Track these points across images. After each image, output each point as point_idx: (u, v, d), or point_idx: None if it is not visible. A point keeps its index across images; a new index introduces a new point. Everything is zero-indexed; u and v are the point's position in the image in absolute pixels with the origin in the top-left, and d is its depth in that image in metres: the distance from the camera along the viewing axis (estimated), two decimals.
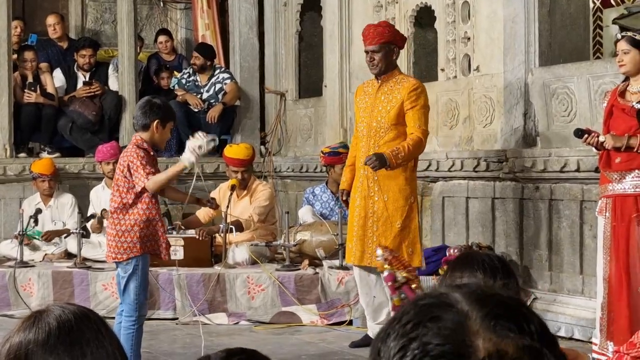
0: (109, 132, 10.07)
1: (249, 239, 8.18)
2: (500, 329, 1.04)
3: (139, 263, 5.61)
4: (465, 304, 1.06)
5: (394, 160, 6.19)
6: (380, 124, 6.44)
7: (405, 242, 6.38)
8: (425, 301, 1.07)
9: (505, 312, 1.06)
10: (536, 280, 7.18)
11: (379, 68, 6.46)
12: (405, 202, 6.42)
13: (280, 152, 10.57)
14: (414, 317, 1.05)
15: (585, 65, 6.99)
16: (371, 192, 6.46)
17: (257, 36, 10.71)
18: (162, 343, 6.88)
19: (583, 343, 6.45)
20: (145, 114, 5.67)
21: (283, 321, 7.54)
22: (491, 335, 1.03)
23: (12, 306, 7.96)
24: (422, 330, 1.03)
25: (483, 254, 2.71)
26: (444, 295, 1.08)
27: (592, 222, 6.59)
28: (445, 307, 1.05)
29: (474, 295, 1.07)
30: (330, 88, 9.63)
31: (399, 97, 6.41)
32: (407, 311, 1.07)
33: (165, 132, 5.76)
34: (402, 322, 1.05)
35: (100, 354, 1.75)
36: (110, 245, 5.65)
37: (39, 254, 8.59)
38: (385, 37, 6.46)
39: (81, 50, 10.24)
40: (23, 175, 9.44)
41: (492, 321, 1.04)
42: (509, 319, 1.05)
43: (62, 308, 1.79)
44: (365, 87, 6.71)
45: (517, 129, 7.37)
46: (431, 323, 1.03)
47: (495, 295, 1.09)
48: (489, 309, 1.05)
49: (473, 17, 7.81)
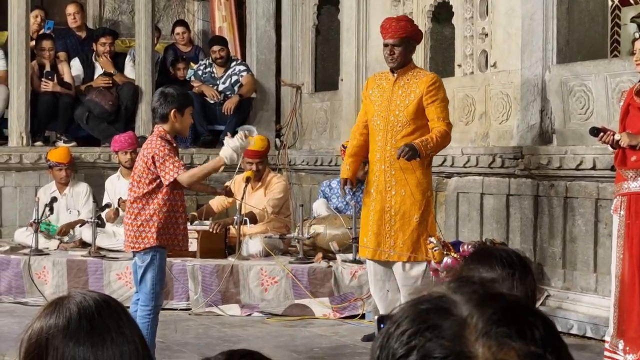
0: (125, 122, 10.10)
1: (263, 231, 8.20)
2: (501, 335, 0.99)
3: (156, 253, 5.63)
4: (465, 308, 1.01)
5: (423, 150, 6.16)
6: (397, 118, 6.40)
7: (423, 235, 6.35)
8: (424, 306, 1.03)
9: (507, 316, 1.00)
10: (550, 278, 7.17)
11: (397, 62, 6.42)
12: (423, 196, 6.39)
13: (295, 145, 10.58)
14: (411, 324, 1.01)
15: (603, 63, 6.97)
16: (388, 186, 6.42)
17: (274, 29, 10.72)
18: (175, 333, 6.91)
19: (596, 341, 6.45)
20: (161, 106, 5.69)
21: (296, 314, 7.55)
22: (491, 342, 0.98)
23: (26, 294, 8.00)
24: (420, 341, 0.99)
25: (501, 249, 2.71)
26: (442, 299, 1.03)
27: (607, 221, 6.58)
28: (443, 313, 1.01)
29: (475, 297, 1.03)
30: (346, 82, 9.63)
31: (417, 92, 6.37)
32: (405, 315, 1.03)
33: (186, 119, 5.78)
34: (401, 328, 1.02)
35: (120, 341, 1.76)
36: (129, 235, 5.67)
37: (54, 242, 8.63)
38: (407, 32, 6.43)
39: (101, 38, 10.28)
40: (39, 164, 9.48)
41: (493, 327, 0.99)
42: (511, 324, 1.00)
43: (83, 295, 1.80)
44: (379, 79, 6.64)
45: (534, 126, 7.36)
46: (429, 332, 0.99)
47: (498, 297, 1.04)
48: (490, 314, 1.00)
49: (491, 13, 7.80)
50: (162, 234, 5.62)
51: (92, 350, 1.73)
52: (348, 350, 6.44)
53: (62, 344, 1.73)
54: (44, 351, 1.74)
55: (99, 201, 8.72)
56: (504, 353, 0.98)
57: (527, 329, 1.00)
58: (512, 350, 0.98)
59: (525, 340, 0.99)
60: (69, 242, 8.67)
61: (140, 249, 5.63)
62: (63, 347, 1.73)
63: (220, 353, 1.78)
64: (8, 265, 8.08)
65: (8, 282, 8.05)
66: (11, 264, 8.08)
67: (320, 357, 6.31)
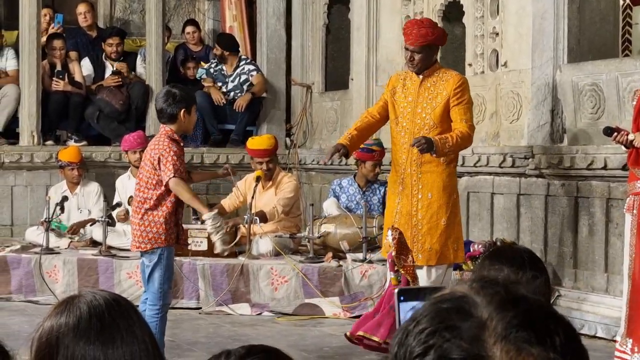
0: (135, 122, 10.12)
1: (273, 230, 8.20)
2: (520, 340, 0.97)
3: (164, 253, 5.63)
4: (486, 310, 0.99)
5: (440, 147, 5.99)
6: (424, 120, 6.26)
7: (450, 238, 6.23)
8: (445, 305, 1.01)
9: (528, 320, 0.99)
10: (560, 278, 7.16)
11: (418, 67, 6.27)
12: (449, 198, 6.26)
13: (305, 144, 10.58)
14: (430, 323, 1.00)
15: (614, 62, 6.95)
16: (414, 189, 6.27)
17: (285, 28, 10.72)
18: (186, 332, 6.92)
19: (607, 341, 6.43)
20: (170, 106, 5.68)
21: (306, 313, 7.55)
22: (510, 347, 0.97)
23: (37, 292, 8.02)
24: (438, 340, 0.98)
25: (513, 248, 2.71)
26: (464, 299, 1.02)
27: (618, 220, 6.56)
28: (463, 314, 1.00)
29: (497, 300, 1.01)
30: (356, 81, 9.62)
31: (444, 94, 6.24)
32: (425, 313, 1.01)
33: (192, 117, 5.80)
34: (420, 326, 1.00)
35: (131, 340, 1.77)
36: (135, 234, 5.68)
37: (65, 241, 8.64)
38: (428, 39, 6.23)
39: (108, 39, 10.30)
40: (50, 163, 9.50)
41: (512, 331, 0.98)
42: (531, 328, 0.98)
43: (94, 294, 1.81)
44: (403, 79, 6.47)
45: (544, 125, 7.34)
46: (448, 333, 0.98)
47: (521, 301, 1.02)
48: (511, 317, 0.99)
49: (502, 12, 7.78)
50: (169, 234, 5.63)
51: (102, 349, 1.73)
52: (358, 350, 6.43)
53: (73, 343, 1.73)
54: (54, 350, 1.74)
55: (110, 200, 8.74)
56: (522, 358, 0.97)
57: (547, 334, 0.98)
58: (530, 356, 0.97)
59: (544, 346, 0.97)
60: (80, 241, 8.68)
61: (148, 249, 5.63)
62: (73, 345, 1.73)
63: (242, 347, 1.78)
64: (19, 264, 8.10)
65: (19, 281, 8.07)
66: (22, 263, 8.10)
67: (330, 356, 6.30)
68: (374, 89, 9.36)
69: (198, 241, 7.90)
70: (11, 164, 9.54)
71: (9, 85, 9.79)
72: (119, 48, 10.32)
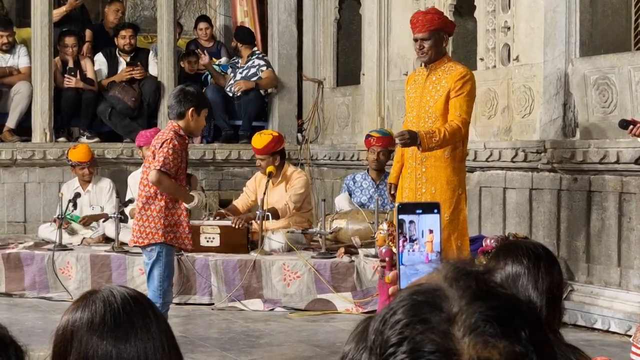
0: (147, 118, 10.14)
1: (285, 226, 8.21)
2: (487, 334, 1.00)
3: (162, 250, 5.65)
4: (457, 304, 1.02)
5: (426, 142, 6.00)
6: (428, 113, 6.31)
7: (454, 234, 6.26)
8: (419, 298, 1.04)
9: (495, 314, 1.01)
10: (573, 272, 7.14)
11: (428, 56, 6.31)
12: (453, 193, 6.28)
13: (317, 139, 10.58)
14: (405, 315, 1.03)
15: (626, 56, 6.93)
16: (419, 183, 6.33)
17: (296, 24, 10.72)
18: (198, 328, 6.93)
19: (620, 336, 6.41)
20: (180, 103, 5.71)
21: (318, 308, 7.56)
22: (476, 340, 0.99)
23: (50, 289, 8.05)
24: (412, 332, 1.01)
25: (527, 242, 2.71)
26: (437, 293, 1.04)
27: (631, 215, 6.54)
28: (435, 307, 1.02)
29: (468, 294, 1.03)
30: (368, 76, 9.61)
31: (446, 86, 6.28)
32: (402, 304, 1.04)
33: (201, 120, 5.81)
34: (396, 316, 1.03)
35: (145, 337, 1.77)
36: (134, 229, 5.72)
37: (77, 238, 8.67)
38: (435, 24, 6.30)
39: (121, 31, 10.33)
40: (62, 160, 9.52)
41: (480, 325, 1.00)
42: (497, 322, 1.00)
43: (112, 290, 1.82)
44: (416, 75, 6.59)
45: (556, 119, 7.32)
46: (420, 325, 1.01)
47: (490, 294, 1.04)
48: (479, 312, 1.01)
49: (513, 6, 7.76)
50: (167, 232, 5.64)
51: (114, 344, 1.74)
52: None
53: (86, 337, 1.75)
54: (69, 343, 1.76)
55: (122, 197, 8.75)
56: (487, 351, 0.99)
57: (513, 328, 1.01)
58: (496, 349, 0.99)
59: (510, 339, 1.00)
60: (92, 238, 8.71)
61: (144, 244, 5.65)
62: (86, 340, 1.74)
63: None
64: (32, 261, 8.13)
65: (32, 278, 8.10)
66: (35, 260, 8.13)
67: None
68: (385, 84, 9.35)
69: (210, 237, 7.93)
70: (24, 160, 9.56)
71: (22, 82, 9.82)
72: (132, 40, 10.34)
